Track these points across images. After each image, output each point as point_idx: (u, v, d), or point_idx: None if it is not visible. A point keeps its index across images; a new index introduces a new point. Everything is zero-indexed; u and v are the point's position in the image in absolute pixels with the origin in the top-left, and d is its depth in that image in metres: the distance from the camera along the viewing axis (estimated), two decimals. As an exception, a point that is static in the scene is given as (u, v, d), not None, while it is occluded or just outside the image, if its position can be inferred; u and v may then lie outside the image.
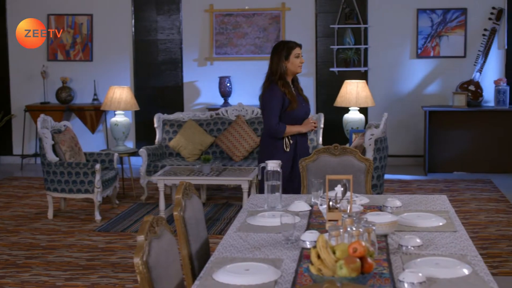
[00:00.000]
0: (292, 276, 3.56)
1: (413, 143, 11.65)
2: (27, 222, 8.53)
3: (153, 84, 11.94)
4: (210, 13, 11.75)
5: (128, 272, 6.63)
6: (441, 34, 11.43)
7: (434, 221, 4.45)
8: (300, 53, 6.44)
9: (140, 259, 3.37)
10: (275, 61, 6.45)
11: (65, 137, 8.84)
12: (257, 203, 5.16)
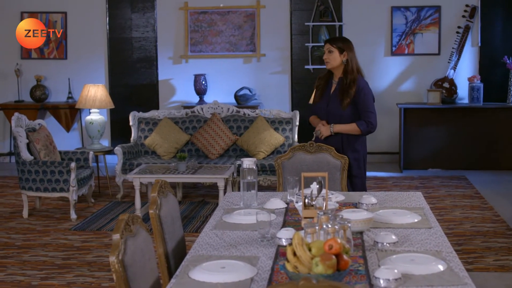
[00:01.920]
0: (268, 273, 3.56)
1: (388, 140, 11.70)
2: (2, 221, 8.47)
3: (128, 82, 11.90)
4: (185, 11, 11.72)
5: (104, 271, 6.61)
6: (415, 31, 11.48)
7: (409, 217, 4.48)
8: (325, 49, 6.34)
9: (116, 257, 3.36)
10: None
11: (40, 135, 8.79)
12: (233, 201, 5.16)
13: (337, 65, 6.29)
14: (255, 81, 11.68)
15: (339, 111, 6.26)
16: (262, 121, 9.71)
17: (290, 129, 9.76)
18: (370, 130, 6.28)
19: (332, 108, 6.30)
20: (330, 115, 6.32)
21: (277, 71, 11.70)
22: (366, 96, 6.25)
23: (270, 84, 11.66)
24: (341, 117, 6.26)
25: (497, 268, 6.58)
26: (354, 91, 6.21)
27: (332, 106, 6.30)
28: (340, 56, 6.27)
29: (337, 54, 6.26)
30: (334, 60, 6.27)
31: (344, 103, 6.22)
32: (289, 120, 9.81)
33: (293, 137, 9.75)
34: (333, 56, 6.27)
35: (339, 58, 6.27)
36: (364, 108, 6.23)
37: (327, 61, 6.31)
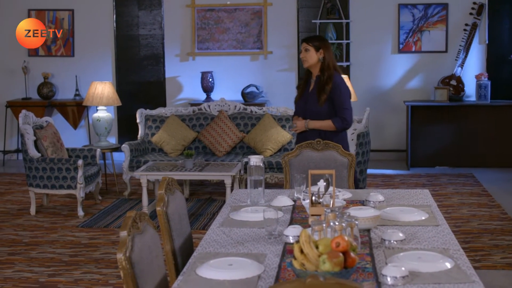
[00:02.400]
0: (275, 271, 3.56)
1: (395, 138, 11.69)
2: (9, 218, 8.49)
3: (135, 80, 11.91)
4: (192, 8, 11.73)
5: (111, 268, 6.62)
6: (422, 29, 11.46)
7: (416, 215, 4.47)
8: (302, 48, 6.53)
9: (123, 254, 3.37)
10: None
11: (47, 132, 8.81)
12: (240, 198, 5.17)
13: (314, 63, 6.48)
14: (262, 78, 11.68)
15: (316, 108, 6.41)
16: (269, 119, 9.71)
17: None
18: (345, 127, 6.43)
19: (310, 105, 6.46)
20: (307, 112, 6.49)
21: (284, 68, 11.69)
22: (342, 92, 6.39)
23: (277, 81, 11.65)
24: (318, 113, 6.43)
25: (505, 265, 6.57)
26: (330, 87, 6.36)
27: (310, 103, 6.46)
28: (317, 54, 6.45)
29: (313, 52, 6.45)
30: (310, 58, 6.46)
31: (321, 100, 6.38)
32: (296, 117, 9.79)
33: (300, 135, 9.73)
34: (310, 55, 6.46)
35: (316, 56, 6.45)
36: (339, 105, 6.38)
37: (304, 59, 6.50)
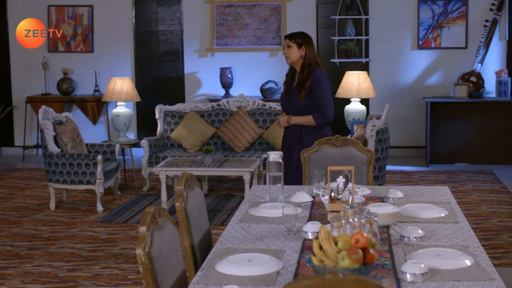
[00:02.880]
0: (294, 267, 3.56)
1: (414, 134, 11.65)
2: (29, 213, 8.54)
3: (154, 75, 11.93)
4: (211, 4, 11.73)
5: (130, 263, 6.64)
6: (442, 25, 11.41)
7: (436, 212, 4.46)
8: (285, 45, 6.58)
9: (143, 250, 3.37)
10: None
11: (67, 128, 8.84)
12: (259, 194, 5.17)
13: (296, 60, 6.53)
14: (281, 74, 11.60)
15: (297, 104, 6.49)
16: (288, 115, 9.69)
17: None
18: (326, 122, 6.50)
19: (291, 101, 6.54)
20: (289, 107, 6.58)
21: (303, 64, 11.65)
22: (322, 88, 6.45)
23: (296, 77, 11.63)
24: (299, 109, 6.51)
25: (524, 263, 6.54)
26: (309, 83, 6.43)
27: (292, 98, 6.53)
28: (299, 50, 6.51)
29: (295, 49, 6.51)
30: (293, 54, 6.52)
31: (300, 96, 6.45)
32: (315, 113, 9.78)
33: (319, 131, 9.71)
34: (292, 51, 6.52)
35: (298, 53, 6.51)
36: (320, 100, 6.45)
37: (286, 56, 6.55)
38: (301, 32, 6.67)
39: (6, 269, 6.56)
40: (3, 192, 9.58)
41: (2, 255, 6.97)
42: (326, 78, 6.52)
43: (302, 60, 6.49)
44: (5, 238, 7.51)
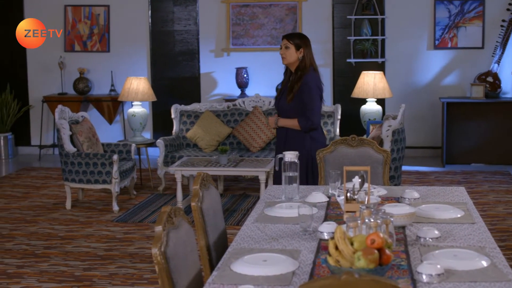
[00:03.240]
0: (310, 267, 3.56)
1: (430, 135, 11.62)
2: (45, 212, 8.57)
3: (170, 75, 11.95)
4: (227, 4, 11.74)
5: (145, 263, 6.66)
6: (458, 25, 11.37)
7: (452, 212, 4.44)
8: (282, 45, 6.47)
9: (158, 249, 3.38)
10: None
11: (83, 127, 8.87)
12: (274, 194, 5.17)
13: (293, 61, 6.42)
14: (297, 74, 11.64)
15: (285, 106, 6.40)
16: (303, 115, 9.68)
17: (332, 122, 9.73)
18: (310, 127, 6.36)
19: (281, 103, 6.46)
20: (279, 109, 6.52)
21: (319, 64, 11.53)
22: (309, 92, 6.31)
23: (311, 77, 11.62)
24: (287, 111, 6.42)
25: (541, 264, 6.50)
26: (299, 86, 6.31)
27: (282, 100, 6.45)
28: (297, 52, 6.39)
29: (293, 50, 6.39)
30: (290, 56, 6.41)
31: (288, 98, 6.35)
32: (330, 113, 9.78)
33: (335, 131, 9.72)
34: (289, 52, 6.40)
35: (295, 55, 6.40)
36: (306, 105, 6.33)
37: (283, 56, 6.43)
38: (300, 34, 6.58)
39: (22, 267, 6.59)
40: (20, 191, 9.62)
41: (19, 254, 7.00)
42: (317, 82, 6.37)
43: (298, 62, 6.40)
44: (21, 237, 7.55)
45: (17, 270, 6.52)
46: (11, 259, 6.84)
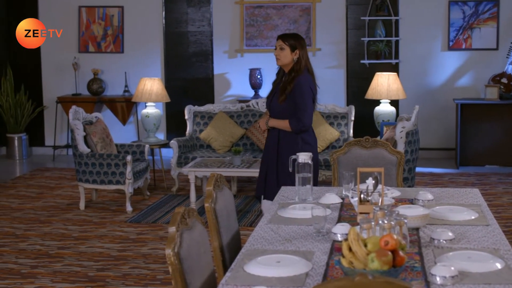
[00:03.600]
0: (323, 268, 3.55)
1: (444, 136, 11.59)
2: (59, 212, 8.59)
3: (184, 76, 11.97)
4: (241, 5, 11.74)
5: (159, 263, 6.66)
6: (473, 26, 11.34)
7: (466, 214, 4.42)
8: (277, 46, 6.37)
9: (172, 250, 3.38)
10: None
11: (97, 128, 8.89)
12: (288, 195, 5.16)
13: (287, 63, 6.30)
14: (310, 75, 11.63)
15: (277, 107, 6.29)
16: (317, 116, 9.68)
17: (346, 124, 9.72)
18: (301, 129, 6.23)
19: (273, 103, 6.35)
20: (271, 109, 6.39)
21: (332, 65, 11.66)
22: (302, 93, 6.18)
23: (325, 78, 11.61)
24: (278, 112, 6.29)
25: (556, 266, 6.47)
26: (291, 87, 6.20)
27: (274, 101, 6.34)
28: (292, 54, 6.27)
29: (288, 51, 6.27)
30: (284, 57, 6.29)
31: (280, 99, 6.24)
32: (344, 115, 9.77)
33: (348, 132, 9.71)
34: (284, 54, 6.29)
35: (290, 56, 6.28)
36: (298, 106, 6.20)
37: (278, 57, 6.33)
38: (295, 34, 6.45)
39: (36, 268, 6.61)
40: (34, 192, 9.65)
41: (32, 254, 7.02)
42: (310, 83, 6.25)
43: (293, 64, 6.28)
44: (35, 237, 7.57)
45: (31, 270, 6.54)
46: (25, 259, 6.87)
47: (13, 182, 10.28)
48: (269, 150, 6.36)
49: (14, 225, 8.07)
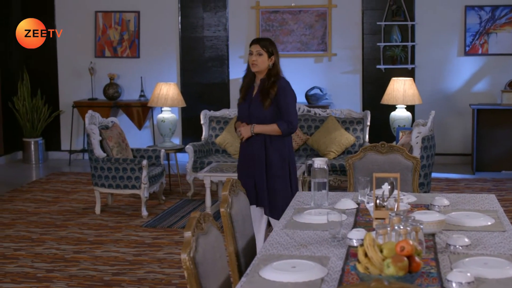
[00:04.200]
0: (339, 274, 3.55)
1: (460, 142, 11.55)
2: (75, 217, 8.62)
3: (200, 81, 11.98)
4: (257, 10, 11.75)
5: (174, 268, 6.67)
6: (489, 31, 11.30)
7: (482, 220, 4.41)
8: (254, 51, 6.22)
9: (187, 255, 3.38)
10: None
11: (113, 133, 8.91)
12: (303, 200, 5.16)
13: (264, 68, 6.20)
14: (326, 80, 11.65)
15: (261, 113, 6.16)
16: (333, 121, 9.68)
17: (361, 129, 9.70)
18: (291, 131, 6.18)
19: (254, 110, 6.20)
20: (252, 116, 6.23)
21: (348, 70, 11.65)
22: (287, 96, 6.15)
23: (341, 83, 11.61)
24: (263, 118, 6.17)
25: None
26: (275, 91, 6.12)
27: (254, 107, 6.20)
28: (268, 60, 6.18)
29: (266, 57, 6.17)
30: (262, 63, 6.17)
31: (265, 104, 6.13)
32: (360, 120, 9.75)
33: (364, 137, 9.69)
34: (262, 59, 6.17)
35: (267, 62, 6.18)
36: (285, 108, 6.13)
37: (255, 63, 6.18)
38: (270, 40, 6.35)
39: (52, 272, 6.63)
40: (50, 196, 9.69)
41: (48, 258, 7.04)
42: (290, 86, 6.23)
43: (269, 69, 6.19)
44: (51, 241, 7.60)
45: (47, 274, 6.56)
46: (41, 263, 6.89)
47: (29, 186, 10.32)
48: (254, 157, 6.25)
49: (30, 229, 8.11)
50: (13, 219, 8.54)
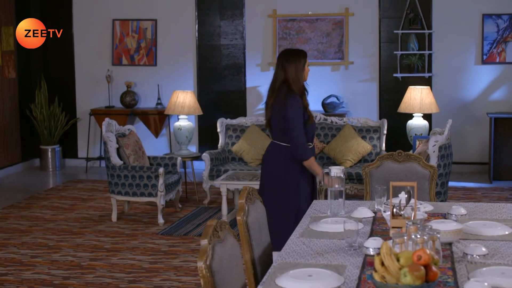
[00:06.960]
0: (355, 283, 3.54)
1: (478, 150, 11.50)
2: (91, 224, 8.64)
3: (216, 89, 12.00)
4: (273, 18, 11.76)
5: (190, 276, 6.67)
6: (507, 39, 11.26)
7: (500, 229, 4.38)
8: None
9: (204, 263, 3.38)
10: (294, 69, 5.95)
11: (129, 140, 8.93)
12: (320, 209, 5.15)
13: None
14: (343, 89, 11.64)
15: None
16: (349, 129, 9.66)
17: (378, 137, 9.68)
18: None
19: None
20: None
21: (365, 79, 11.63)
22: None
23: (358, 92, 11.60)
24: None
25: None
26: None
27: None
28: None
29: None
30: None
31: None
32: (376, 128, 9.73)
33: (381, 146, 9.67)
34: None
35: None
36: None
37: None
38: None
39: (68, 279, 6.65)
40: (66, 203, 9.72)
41: (65, 265, 7.06)
42: None
43: None
44: (67, 249, 7.62)
45: (63, 281, 6.58)
46: (58, 270, 6.91)
47: (46, 193, 10.36)
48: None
49: (47, 236, 8.13)
50: (30, 226, 8.57)
